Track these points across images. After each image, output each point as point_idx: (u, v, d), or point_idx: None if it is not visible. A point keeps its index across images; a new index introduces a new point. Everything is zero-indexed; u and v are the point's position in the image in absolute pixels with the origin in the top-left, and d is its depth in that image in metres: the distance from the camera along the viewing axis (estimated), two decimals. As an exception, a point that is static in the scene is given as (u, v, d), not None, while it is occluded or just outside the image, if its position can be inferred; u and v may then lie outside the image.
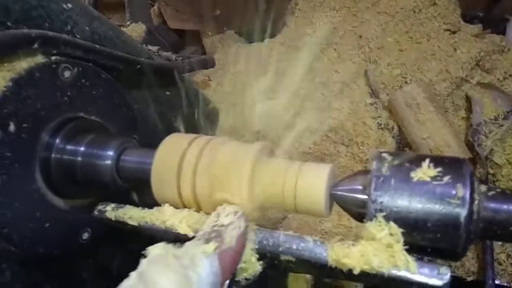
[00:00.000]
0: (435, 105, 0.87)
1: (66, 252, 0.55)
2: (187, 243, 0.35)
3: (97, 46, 0.57)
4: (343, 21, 1.11)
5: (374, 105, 0.95)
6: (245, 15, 1.32)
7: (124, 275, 0.31)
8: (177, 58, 0.92)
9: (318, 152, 0.95)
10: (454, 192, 0.33)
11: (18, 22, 0.50)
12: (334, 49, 1.08)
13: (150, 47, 0.90)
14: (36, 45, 0.47)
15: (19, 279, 0.53)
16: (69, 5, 0.57)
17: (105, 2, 1.07)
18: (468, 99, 0.96)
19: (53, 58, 0.50)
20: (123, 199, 0.59)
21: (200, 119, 1.01)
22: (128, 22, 1.02)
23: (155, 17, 1.43)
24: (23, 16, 0.50)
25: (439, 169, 0.34)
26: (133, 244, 0.71)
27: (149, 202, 0.59)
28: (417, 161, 0.35)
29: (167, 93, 0.82)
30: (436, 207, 0.33)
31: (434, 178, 0.34)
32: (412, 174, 0.34)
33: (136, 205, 0.51)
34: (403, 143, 0.93)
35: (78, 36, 0.58)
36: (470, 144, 0.85)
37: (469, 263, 0.81)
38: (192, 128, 0.97)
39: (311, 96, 1.01)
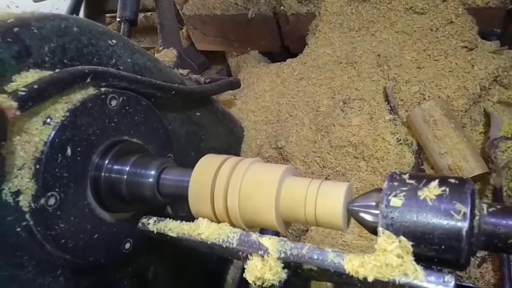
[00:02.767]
0: (452, 121, 0.90)
1: (110, 261, 0.62)
2: None
3: (139, 76, 0.64)
4: (362, 41, 1.16)
5: (393, 121, 0.99)
6: (268, 36, 1.39)
7: (158, 281, 0.37)
8: (205, 80, 0.99)
9: (339, 167, 0.99)
10: (456, 208, 0.37)
11: (73, 60, 0.58)
12: (354, 68, 1.13)
13: (180, 70, 0.97)
14: (89, 80, 0.55)
15: (70, 284, 0.59)
16: (114, 41, 0.65)
17: (137, 26, 1.16)
18: (486, 114, 0.98)
19: (103, 89, 0.57)
20: (159, 212, 0.65)
21: (226, 137, 1.08)
22: (161, 48, 1.10)
23: (183, 40, 1.52)
24: (77, 54, 0.58)
25: (443, 188, 0.39)
26: (167, 252, 0.78)
27: (182, 215, 0.65)
28: (424, 181, 0.40)
29: (198, 114, 0.89)
30: (440, 222, 0.37)
31: (438, 196, 0.38)
32: (419, 193, 0.39)
33: (169, 217, 0.57)
34: (422, 158, 0.96)
35: (121, 68, 0.66)
36: (486, 157, 0.87)
37: (489, 275, 0.83)
38: (220, 145, 1.04)
39: (332, 113, 1.05)
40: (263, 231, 0.62)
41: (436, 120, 0.90)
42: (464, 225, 0.36)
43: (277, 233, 0.56)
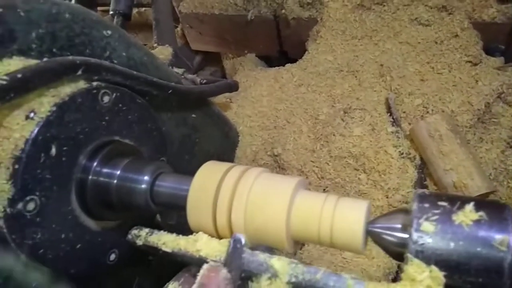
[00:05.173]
0: (458, 137, 0.87)
1: (94, 273, 0.56)
2: None
3: (134, 72, 0.58)
4: (364, 50, 1.12)
5: (396, 134, 0.95)
6: (267, 40, 1.35)
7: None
8: (201, 81, 0.94)
9: (338, 178, 0.95)
10: (497, 237, 0.33)
11: (63, 49, 0.52)
12: (355, 76, 1.09)
13: (176, 69, 0.92)
14: (80, 72, 0.49)
15: (46, 298, 0.53)
16: (109, 32, 0.59)
17: (130, 21, 1.10)
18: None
19: (94, 84, 0.51)
20: (148, 220, 0.60)
21: (221, 141, 1.03)
22: (155, 44, 1.05)
23: (177, 38, 1.46)
24: (68, 43, 0.53)
25: (481, 212, 0.34)
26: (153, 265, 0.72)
27: (172, 225, 0.59)
28: (458, 203, 0.36)
29: (193, 116, 0.84)
30: (479, 251, 0.33)
31: (476, 221, 0.34)
32: (454, 217, 0.35)
33: (158, 225, 0.52)
34: (425, 173, 0.92)
35: (115, 61, 0.60)
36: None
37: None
38: (214, 149, 0.98)
39: (332, 122, 1.01)
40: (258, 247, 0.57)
41: (441, 134, 0.87)
42: (506, 256, 0.32)
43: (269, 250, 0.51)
